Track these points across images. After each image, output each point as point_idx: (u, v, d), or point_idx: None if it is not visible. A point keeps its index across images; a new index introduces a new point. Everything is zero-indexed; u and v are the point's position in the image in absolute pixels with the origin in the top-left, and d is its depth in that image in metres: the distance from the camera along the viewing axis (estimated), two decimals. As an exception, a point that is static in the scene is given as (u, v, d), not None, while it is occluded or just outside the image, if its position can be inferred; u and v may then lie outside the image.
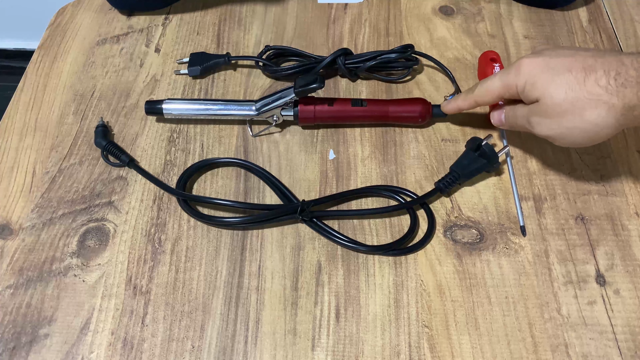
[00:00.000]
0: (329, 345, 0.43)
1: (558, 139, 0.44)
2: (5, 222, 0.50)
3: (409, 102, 0.54)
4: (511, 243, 0.47)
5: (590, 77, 0.41)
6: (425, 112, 0.53)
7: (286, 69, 0.58)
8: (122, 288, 0.46)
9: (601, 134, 0.42)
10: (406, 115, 0.53)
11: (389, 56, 0.57)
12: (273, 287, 0.46)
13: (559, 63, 0.43)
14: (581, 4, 0.64)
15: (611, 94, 0.40)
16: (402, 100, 0.54)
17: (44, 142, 0.55)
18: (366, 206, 0.50)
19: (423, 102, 0.53)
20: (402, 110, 0.53)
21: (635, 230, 0.47)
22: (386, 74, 0.59)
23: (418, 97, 0.55)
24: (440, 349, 0.42)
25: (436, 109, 0.54)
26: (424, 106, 0.53)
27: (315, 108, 0.53)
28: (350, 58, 0.57)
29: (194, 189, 0.52)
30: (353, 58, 0.57)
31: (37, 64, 0.62)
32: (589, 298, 0.44)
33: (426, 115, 0.53)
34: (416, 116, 0.53)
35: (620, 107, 0.40)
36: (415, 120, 0.54)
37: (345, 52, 0.57)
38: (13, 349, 0.43)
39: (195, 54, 0.60)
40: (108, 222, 0.50)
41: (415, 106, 0.53)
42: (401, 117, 0.54)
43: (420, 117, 0.53)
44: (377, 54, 0.57)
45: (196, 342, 0.43)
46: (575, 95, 0.41)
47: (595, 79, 0.41)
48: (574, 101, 0.41)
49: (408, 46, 0.57)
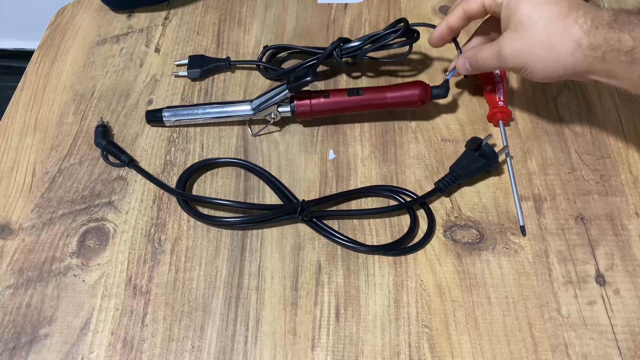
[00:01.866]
0: (329, 345, 0.43)
1: (526, 67, 0.46)
2: (5, 222, 0.50)
3: (406, 87, 0.53)
4: (511, 243, 0.47)
5: (572, 14, 0.43)
6: (424, 95, 0.52)
7: (285, 70, 0.58)
8: (122, 288, 0.46)
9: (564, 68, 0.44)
10: (405, 100, 0.52)
11: (386, 37, 0.55)
12: (273, 287, 0.46)
13: None
14: (581, 3, 0.64)
15: (583, 33, 0.42)
16: (399, 85, 0.53)
17: (44, 142, 0.55)
18: (366, 206, 0.50)
19: (421, 85, 0.52)
20: (401, 95, 0.52)
21: (635, 230, 0.47)
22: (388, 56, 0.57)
23: (415, 80, 0.53)
24: (440, 349, 0.42)
25: (435, 90, 0.52)
26: (422, 89, 0.52)
27: (311, 102, 0.53)
28: (347, 47, 0.56)
29: (194, 189, 0.52)
30: (349, 47, 0.55)
31: (37, 64, 0.62)
32: (589, 298, 0.44)
33: (426, 98, 0.52)
34: (415, 100, 0.52)
35: (587, 45, 0.42)
36: (414, 105, 0.53)
37: (342, 41, 0.55)
38: (13, 349, 0.43)
39: (194, 57, 0.60)
40: (108, 222, 0.50)
41: (414, 89, 0.52)
42: (400, 103, 0.52)
43: (419, 101, 0.52)
44: (374, 36, 0.55)
45: (196, 342, 0.43)
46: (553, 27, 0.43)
47: (576, 16, 0.43)
48: (549, 32, 0.43)
49: (400, 20, 0.55)
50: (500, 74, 0.55)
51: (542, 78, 0.46)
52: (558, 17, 0.43)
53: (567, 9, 0.43)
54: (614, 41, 0.41)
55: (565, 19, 0.43)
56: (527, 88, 0.57)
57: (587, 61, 0.43)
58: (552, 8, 0.44)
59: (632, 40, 0.40)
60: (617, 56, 0.41)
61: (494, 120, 0.54)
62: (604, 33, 0.41)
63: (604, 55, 0.41)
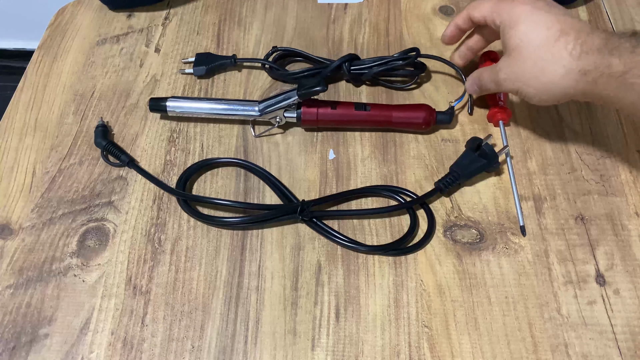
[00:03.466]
0: (329, 345, 0.43)
1: (521, 92, 0.46)
2: (5, 222, 0.50)
3: (412, 108, 0.53)
4: (511, 243, 0.47)
5: (562, 39, 0.43)
6: (429, 119, 0.53)
7: (292, 72, 0.58)
8: (122, 288, 0.46)
9: (556, 93, 0.44)
10: (410, 121, 0.53)
11: (396, 63, 0.56)
12: (273, 287, 0.46)
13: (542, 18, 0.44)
14: (581, 3, 0.64)
15: (573, 58, 0.42)
16: (406, 106, 0.54)
17: (44, 142, 0.55)
18: (366, 206, 0.50)
19: (427, 109, 0.53)
20: (406, 116, 0.53)
21: (635, 230, 0.47)
22: (391, 81, 0.58)
23: (422, 103, 0.54)
24: (440, 349, 0.42)
25: (440, 115, 0.53)
26: (428, 112, 0.53)
27: (318, 111, 0.53)
28: (356, 63, 0.56)
29: (194, 189, 0.52)
30: (359, 64, 0.56)
31: (37, 64, 0.62)
32: (589, 298, 0.44)
33: (430, 122, 0.53)
34: (420, 122, 0.53)
35: (577, 70, 0.42)
36: (418, 127, 0.53)
37: (351, 57, 0.56)
38: (13, 349, 0.43)
39: (201, 54, 0.60)
40: (108, 222, 0.50)
41: (419, 112, 0.53)
42: (404, 123, 0.53)
43: (424, 124, 0.53)
44: (384, 60, 0.56)
45: (196, 342, 0.43)
46: (543, 52, 0.43)
47: (566, 42, 0.42)
48: (539, 57, 0.44)
49: (413, 49, 0.57)
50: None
51: (537, 102, 0.46)
52: (548, 42, 0.43)
53: (558, 32, 0.43)
54: (604, 66, 0.40)
55: (555, 43, 0.43)
56: (527, 88, 0.57)
57: (579, 86, 0.42)
58: (543, 33, 0.43)
59: (622, 65, 0.40)
60: (608, 81, 0.40)
61: (494, 120, 0.54)
62: (594, 58, 0.41)
63: (595, 80, 0.41)
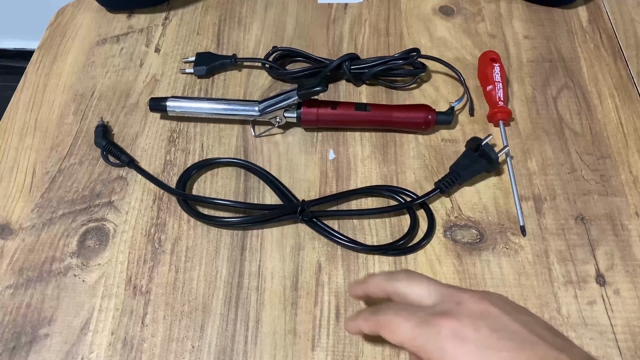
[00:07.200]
0: (329, 345, 0.43)
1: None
2: (5, 222, 0.50)
3: (413, 109, 0.53)
4: (511, 243, 0.47)
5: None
6: (430, 119, 0.53)
7: (292, 72, 0.58)
8: (122, 288, 0.46)
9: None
10: (410, 121, 0.53)
11: (396, 62, 0.56)
12: (273, 287, 0.46)
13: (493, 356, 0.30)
14: (581, 3, 0.65)
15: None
16: (406, 106, 0.54)
17: (44, 142, 0.55)
18: (366, 206, 0.50)
19: (427, 109, 0.53)
20: (406, 117, 0.53)
21: (635, 230, 0.47)
22: (391, 80, 0.58)
23: (422, 104, 0.54)
24: (440, 349, 0.42)
25: (440, 115, 0.53)
26: (428, 113, 0.53)
27: (318, 111, 0.53)
28: (356, 63, 0.57)
29: (194, 189, 0.52)
30: (359, 63, 0.57)
31: (37, 64, 0.62)
32: (589, 298, 0.44)
33: (430, 122, 0.53)
34: (420, 122, 0.53)
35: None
36: (418, 127, 0.53)
37: (351, 57, 0.56)
38: (13, 349, 0.43)
39: (202, 54, 0.60)
40: (108, 222, 0.50)
41: (420, 112, 0.53)
42: (405, 123, 0.53)
43: (424, 124, 0.53)
44: (384, 60, 0.56)
45: (196, 342, 0.43)
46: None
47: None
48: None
49: (413, 50, 0.57)
50: (500, 74, 0.55)
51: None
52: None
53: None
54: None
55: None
56: (527, 88, 0.57)
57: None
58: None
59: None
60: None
61: (494, 120, 0.54)
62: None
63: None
